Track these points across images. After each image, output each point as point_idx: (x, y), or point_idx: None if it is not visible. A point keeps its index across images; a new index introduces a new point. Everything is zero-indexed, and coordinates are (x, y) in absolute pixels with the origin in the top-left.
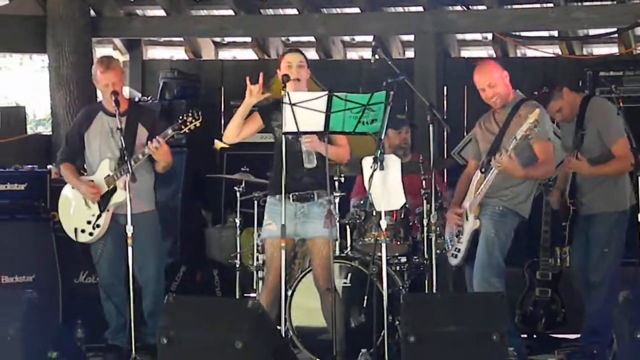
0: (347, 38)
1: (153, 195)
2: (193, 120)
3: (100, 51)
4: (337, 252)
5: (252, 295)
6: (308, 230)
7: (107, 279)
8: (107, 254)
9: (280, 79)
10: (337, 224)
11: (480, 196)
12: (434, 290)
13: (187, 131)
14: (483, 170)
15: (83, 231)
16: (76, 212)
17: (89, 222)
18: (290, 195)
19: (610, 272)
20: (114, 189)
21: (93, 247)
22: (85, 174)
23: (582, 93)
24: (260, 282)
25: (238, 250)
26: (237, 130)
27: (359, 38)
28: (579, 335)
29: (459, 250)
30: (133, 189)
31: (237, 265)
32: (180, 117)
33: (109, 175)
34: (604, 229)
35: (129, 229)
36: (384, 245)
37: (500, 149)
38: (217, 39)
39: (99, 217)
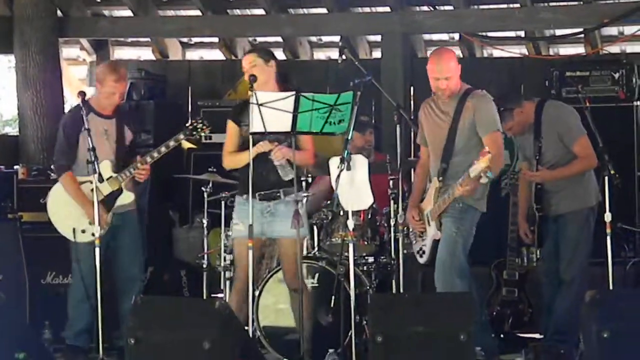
0: (314, 38)
1: (135, 195)
2: (204, 127)
3: (67, 52)
4: (305, 252)
5: (220, 295)
6: (275, 230)
7: (92, 277)
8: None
9: (247, 80)
10: (306, 223)
11: (440, 209)
12: (401, 290)
13: (197, 137)
14: (440, 178)
15: (84, 231)
16: (74, 213)
17: (91, 223)
18: (257, 194)
19: (581, 270)
20: (119, 190)
21: (76, 246)
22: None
23: (533, 101)
24: (228, 283)
25: (205, 251)
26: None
27: (326, 38)
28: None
29: (423, 251)
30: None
31: (205, 266)
32: (190, 124)
33: (111, 177)
34: (574, 227)
35: (96, 230)
36: (351, 245)
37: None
38: (184, 39)
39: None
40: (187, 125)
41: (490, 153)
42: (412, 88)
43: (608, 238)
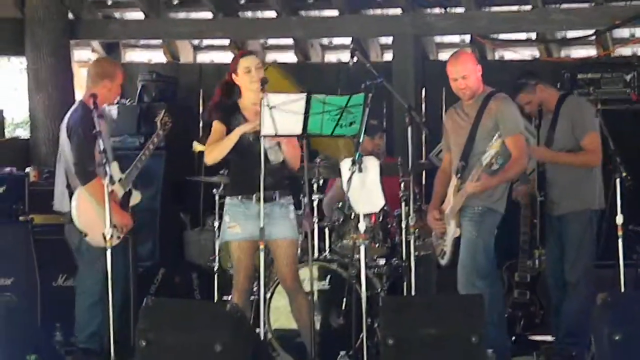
0: (325, 41)
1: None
2: (168, 122)
3: (78, 54)
4: (316, 255)
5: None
6: (272, 231)
7: (104, 281)
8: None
9: (259, 81)
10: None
11: (459, 206)
12: (413, 293)
13: (168, 129)
14: (459, 175)
15: (111, 236)
16: (100, 219)
17: (114, 226)
18: (254, 196)
19: (586, 271)
20: (130, 191)
21: (92, 250)
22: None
23: (558, 92)
24: None
25: (217, 253)
26: (224, 155)
27: (337, 40)
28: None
29: (444, 252)
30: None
31: (216, 268)
32: (161, 119)
33: (121, 178)
34: (577, 228)
35: (108, 232)
36: (362, 247)
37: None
38: (196, 42)
39: None
40: (158, 121)
41: (501, 137)
42: (423, 90)
43: (619, 240)
